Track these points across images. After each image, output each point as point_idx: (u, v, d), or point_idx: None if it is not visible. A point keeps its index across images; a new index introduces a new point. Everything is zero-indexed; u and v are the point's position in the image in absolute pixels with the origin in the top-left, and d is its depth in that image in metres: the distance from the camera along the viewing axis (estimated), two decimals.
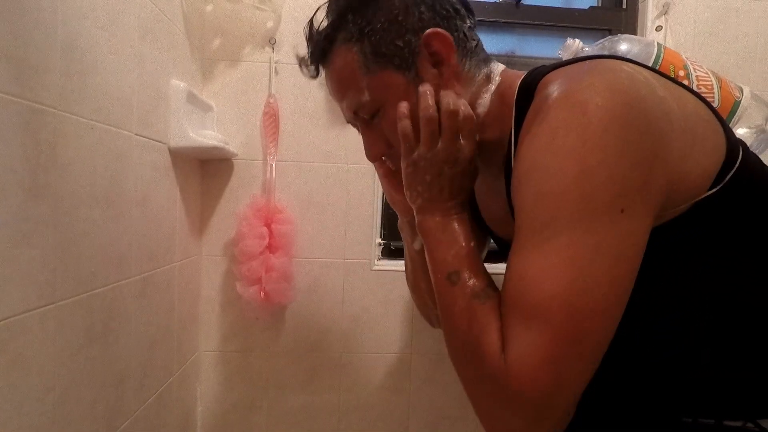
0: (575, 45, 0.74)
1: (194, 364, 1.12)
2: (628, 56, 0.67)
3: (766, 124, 0.70)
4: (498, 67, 0.62)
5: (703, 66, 0.70)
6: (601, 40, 0.73)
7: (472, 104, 0.57)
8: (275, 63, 1.12)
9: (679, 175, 0.44)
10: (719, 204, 0.45)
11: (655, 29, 1.13)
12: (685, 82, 0.67)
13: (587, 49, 0.74)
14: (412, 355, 1.19)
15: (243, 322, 1.14)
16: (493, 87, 0.59)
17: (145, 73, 0.80)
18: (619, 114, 0.41)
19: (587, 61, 0.49)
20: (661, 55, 0.68)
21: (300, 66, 0.65)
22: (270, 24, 1.13)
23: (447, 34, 0.55)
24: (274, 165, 1.11)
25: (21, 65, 0.51)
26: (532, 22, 1.24)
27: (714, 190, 0.45)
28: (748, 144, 0.71)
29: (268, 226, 1.07)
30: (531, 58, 1.30)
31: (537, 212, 0.42)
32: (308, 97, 1.14)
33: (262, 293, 1.05)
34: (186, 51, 1.00)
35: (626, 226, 0.40)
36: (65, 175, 0.59)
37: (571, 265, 0.39)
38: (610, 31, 1.25)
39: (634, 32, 1.23)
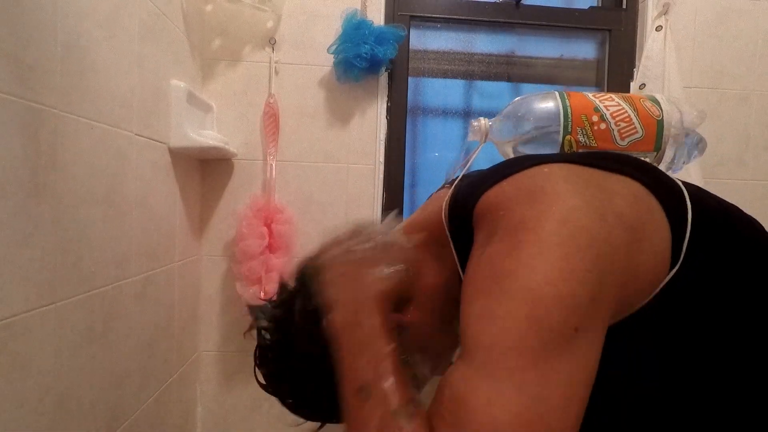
0: (482, 125, 0.72)
1: (194, 364, 1.12)
2: (546, 114, 0.66)
3: (682, 129, 0.69)
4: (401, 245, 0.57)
5: (613, 97, 0.67)
6: (511, 103, 0.72)
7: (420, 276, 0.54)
8: (275, 63, 1.12)
9: (632, 272, 0.42)
10: (685, 279, 0.44)
11: (655, 29, 1.13)
12: (603, 126, 0.65)
13: (490, 123, 0.72)
14: None
15: (243, 322, 1.14)
16: (417, 262, 0.55)
17: (145, 73, 0.80)
18: (555, 235, 0.39)
19: (511, 180, 0.47)
20: (568, 105, 0.66)
21: None
22: (270, 24, 1.13)
23: None
24: (274, 165, 1.11)
25: (21, 65, 0.51)
26: (532, 22, 1.24)
27: (675, 269, 0.43)
28: (672, 156, 0.69)
29: (268, 226, 1.07)
30: (531, 58, 1.30)
31: (482, 334, 0.39)
32: (308, 97, 1.14)
33: (262, 293, 1.05)
34: (186, 51, 1.00)
35: (580, 344, 0.38)
36: (65, 175, 0.59)
37: (521, 392, 0.35)
38: (611, 32, 1.25)
39: (634, 32, 1.23)
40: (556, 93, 0.68)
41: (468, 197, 0.50)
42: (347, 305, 0.49)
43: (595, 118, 0.66)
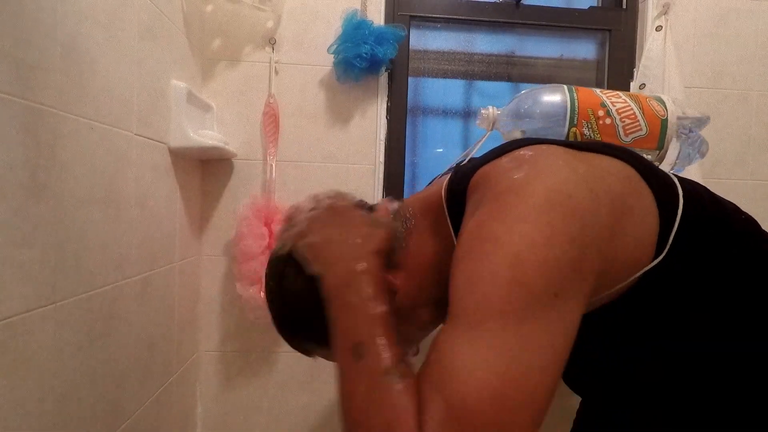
0: (491, 113, 0.74)
1: (194, 364, 1.12)
2: (553, 107, 0.67)
3: (683, 129, 0.69)
4: (400, 213, 0.58)
5: (620, 94, 0.68)
6: (520, 94, 0.73)
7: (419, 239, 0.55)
8: (275, 63, 1.12)
9: (614, 251, 0.43)
10: (670, 270, 0.44)
11: (655, 29, 1.13)
12: (608, 121, 0.65)
13: (498, 112, 0.73)
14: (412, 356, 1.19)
15: (243, 322, 1.14)
16: (413, 230, 0.56)
17: (145, 73, 0.80)
18: (542, 200, 0.40)
19: (508, 155, 0.48)
20: (576, 99, 0.66)
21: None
22: (270, 24, 1.13)
23: None
24: (274, 165, 1.11)
25: (21, 65, 0.51)
26: (532, 22, 1.24)
27: (660, 258, 0.44)
28: (675, 156, 0.70)
29: (268, 226, 1.07)
30: (531, 58, 1.30)
31: (467, 296, 0.40)
32: (308, 97, 1.14)
33: (262, 293, 1.05)
34: (186, 51, 1.00)
35: (560, 310, 0.39)
36: (65, 175, 0.59)
37: (502, 353, 0.37)
38: (611, 32, 1.25)
39: (634, 32, 1.23)
40: (565, 86, 0.69)
41: (466, 173, 0.51)
42: (340, 264, 0.49)
43: (601, 113, 0.66)
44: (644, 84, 1.10)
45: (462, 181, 0.51)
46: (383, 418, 0.38)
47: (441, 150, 1.28)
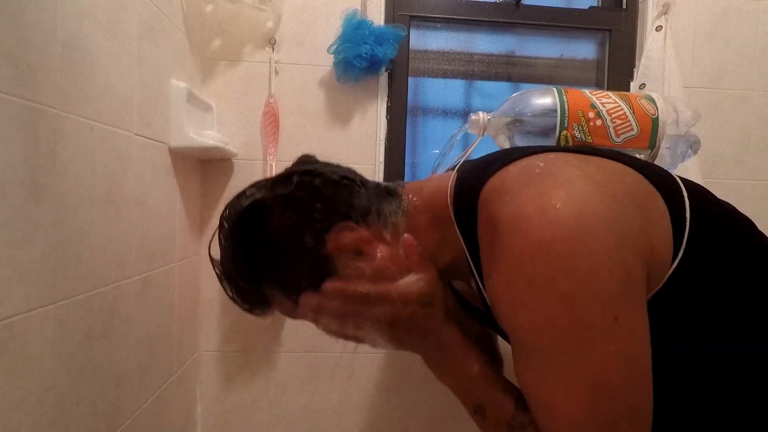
0: (481, 118, 0.73)
1: (194, 364, 1.12)
2: (543, 110, 0.66)
3: (678, 128, 0.68)
4: (400, 195, 0.57)
5: (609, 94, 0.67)
6: (509, 99, 0.71)
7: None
8: (275, 63, 1.12)
9: (647, 246, 0.43)
10: (682, 271, 0.44)
11: (655, 29, 1.13)
12: (599, 123, 0.65)
13: (489, 117, 0.73)
14: (412, 354, 1.18)
15: (243, 322, 1.14)
16: (411, 217, 0.55)
17: (145, 73, 0.80)
18: (575, 227, 0.40)
19: (517, 164, 0.48)
20: (565, 101, 0.66)
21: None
22: (270, 24, 1.13)
23: (349, 225, 0.52)
24: (274, 165, 1.11)
25: (21, 65, 0.51)
26: (532, 22, 1.24)
27: (677, 260, 0.44)
28: (667, 154, 0.69)
29: None
30: (531, 58, 1.30)
31: (539, 345, 0.42)
32: (308, 97, 1.14)
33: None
34: (186, 51, 1.00)
35: (625, 328, 0.40)
36: (65, 175, 0.59)
37: (590, 387, 0.40)
38: (610, 32, 1.25)
39: (634, 32, 1.23)
40: (554, 89, 0.69)
41: (474, 181, 0.50)
42: (420, 343, 0.54)
43: (591, 114, 0.66)
44: (644, 84, 1.10)
45: (469, 192, 0.50)
46: None
47: (437, 151, 1.28)
